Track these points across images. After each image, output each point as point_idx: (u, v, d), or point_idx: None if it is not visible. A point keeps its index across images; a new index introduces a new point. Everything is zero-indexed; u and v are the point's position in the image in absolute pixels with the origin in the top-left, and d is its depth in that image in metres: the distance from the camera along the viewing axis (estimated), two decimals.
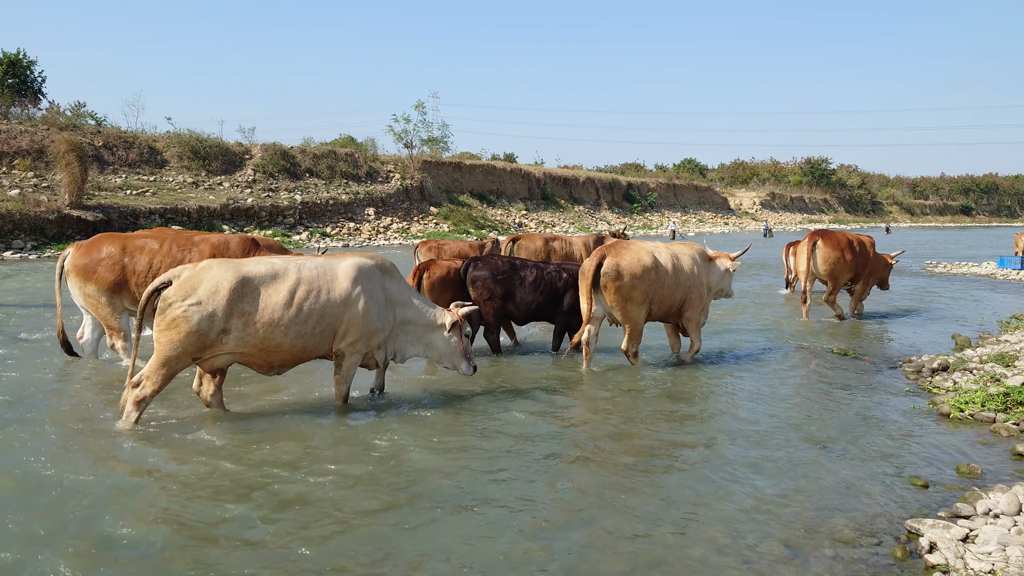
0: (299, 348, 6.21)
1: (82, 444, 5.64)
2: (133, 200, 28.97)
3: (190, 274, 5.91)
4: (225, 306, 5.84)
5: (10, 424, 6.05)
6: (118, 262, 7.95)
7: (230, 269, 5.99)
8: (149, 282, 7.92)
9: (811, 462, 5.68)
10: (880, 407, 7.32)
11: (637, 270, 8.34)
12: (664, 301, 8.68)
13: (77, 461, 5.28)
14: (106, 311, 7.99)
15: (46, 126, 30.49)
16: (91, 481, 4.92)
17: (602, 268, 8.30)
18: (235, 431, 6.01)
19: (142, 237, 8.28)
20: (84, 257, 7.96)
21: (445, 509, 4.68)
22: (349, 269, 6.40)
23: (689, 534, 4.41)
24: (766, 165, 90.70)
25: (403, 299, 6.86)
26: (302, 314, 6.11)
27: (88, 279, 7.89)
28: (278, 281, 6.09)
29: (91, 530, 4.24)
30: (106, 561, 3.92)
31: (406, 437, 5.99)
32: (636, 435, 6.31)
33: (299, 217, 34.36)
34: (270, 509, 4.59)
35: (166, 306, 5.81)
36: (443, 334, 7.01)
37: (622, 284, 8.27)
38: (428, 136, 45.51)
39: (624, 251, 8.45)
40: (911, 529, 4.50)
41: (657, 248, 8.81)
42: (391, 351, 6.93)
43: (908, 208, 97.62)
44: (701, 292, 9.00)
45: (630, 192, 62.47)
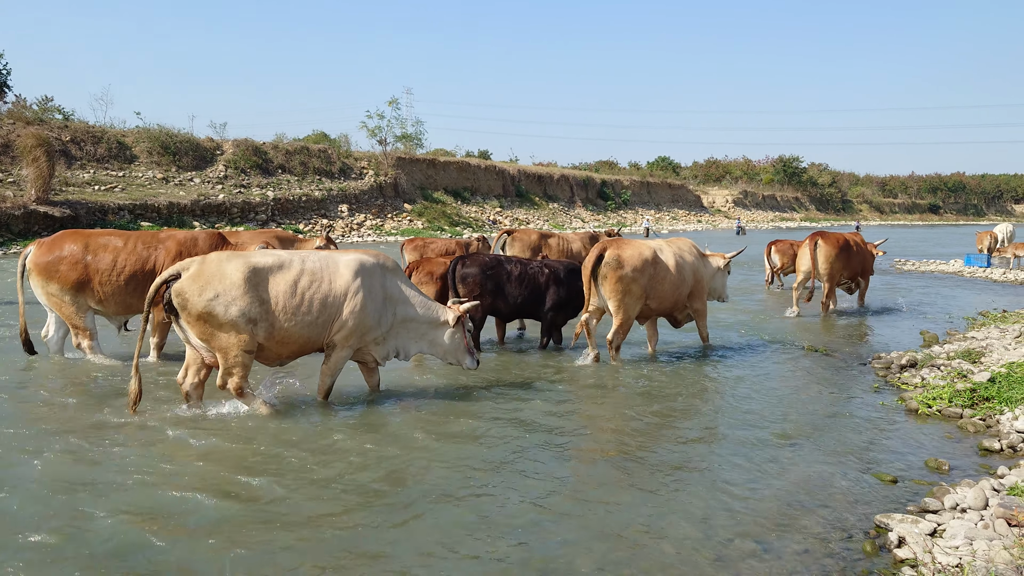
0: (305, 338, 6.33)
1: (53, 442, 5.53)
2: (102, 196, 28.52)
3: (199, 268, 5.97)
4: (243, 295, 5.94)
5: None
6: (80, 260, 7.80)
7: (238, 259, 6.10)
8: (113, 281, 7.80)
9: (781, 458, 5.73)
10: (849, 403, 7.41)
11: (638, 263, 8.56)
12: (665, 297, 8.92)
13: (50, 459, 5.18)
14: (70, 310, 7.84)
15: (12, 120, 29.92)
16: (50, 478, 4.83)
17: (603, 259, 8.50)
18: (214, 432, 5.93)
19: (106, 235, 8.12)
20: (46, 255, 7.79)
21: (417, 505, 4.65)
22: (352, 263, 6.50)
23: (662, 530, 4.43)
24: (739, 163, 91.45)
25: (404, 297, 6.91)
26: (305, 303, 6.22)
27: (50, 278, 7.74)
28: (284, 271, 6.22)
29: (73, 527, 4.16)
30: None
31: (386, 435, 5.95)
32: (607, 432, 6.33)
33: (271, 214, 34.05)
34: (251, 506, 4.54)
35: (183, 301, 5.88)
36: (447, 331, 7.11)
37: (623, 275, 8.47)
38: (402, 132, 45.45)
39: (626, 245, 8.72)
40: (880, 524, 4.55)
41: (660, 245, 9.07)
42: (393, 349, 6.97)
43: (878, 206, 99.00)
44: (703, 286, 9.26)
45: (604, 190, 62.67)
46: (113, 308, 8.01)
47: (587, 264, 8.61)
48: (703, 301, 9.46)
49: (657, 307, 8.98)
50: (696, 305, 9.39)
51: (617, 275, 8.46)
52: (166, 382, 7.39)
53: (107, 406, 6.51)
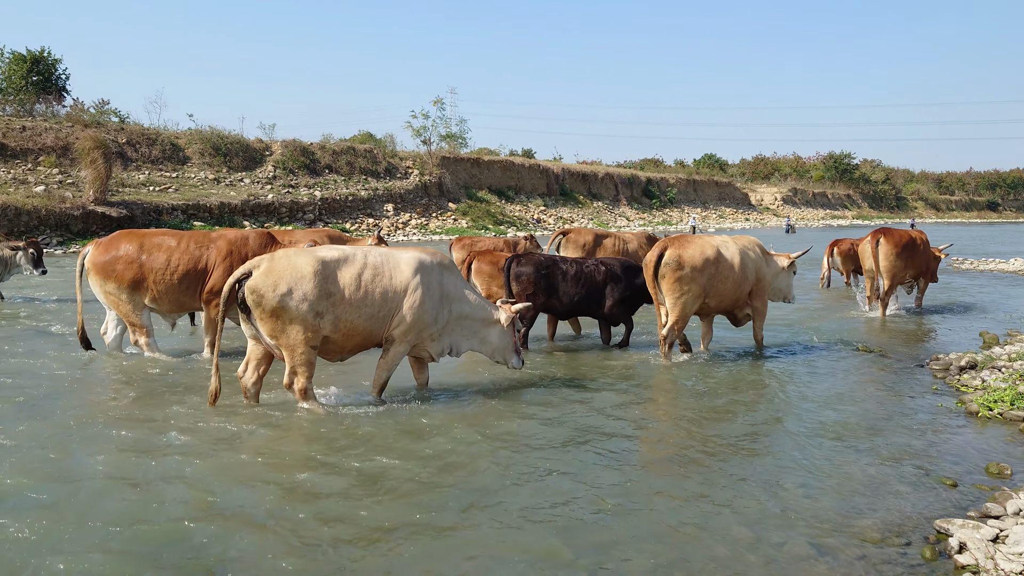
0: (368, 331, 6.47)
1: (112, 436, 5.69)
2: (156, 196, 29.24)
3: (269, 265, 6.13)
4: (314, 289, 6.09)
5: (39, 417, 6.11)
6: (136, 259, 8.02)
7: (307, 254, 6.26)
8: (166, 279, 8.01)
9: (837, 461, 5.61)
10: (907, 406, 7.22)
11: (698, 262, 8.54)
12: (726, 295, 8.89)
13: (102, 451, 5.32)
14: (126, 308, 8.06)
15: (70, 123, 30.84)
16: (110, 471, 4.96)
17: (663, 259, 8.53)
18: (270, 425, 6.04)
19: (159, 234, 8.35)
20: (103, 255, 8.04)
21: (466, 501, 4.66)
22: (411, 260, 6.64)
23: (714, 531, 4.37)
24: (788, 160, 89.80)
25: (460, 295, 7.02)
26: (369, 296, 6.35)
27: (108, 277, 7.98)
28: (348, 264, 6.36)
29: (119, 522, 4.27)
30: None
31: (435, 433, 5.99)
32: (659, 432, 6.28)
33: (319, 213, 34.52)
34: (308, 500, 4.61)
35: (258, 297, 6.04)
36: (499, 329, 7.21)
37: (682, 275, 8.49)
38: (447, 132, 45.67)
39: (687, 243, 8.70)
40: (940, 529, 4.43)
41: (725, 242, 8.99)
42: (447, 345, 7.07)
43: (933, 204, 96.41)
44: (765, 285, 9.23)
45: (649, 188, 62.15)
46: (166, 306, 8.21)
47: (648, 263, 8.69)
48: (764, 301, 9.35)
49: (717, 305, 8.96)
50: (756, 304, 9.29)
51: (676, 275, 8.49)
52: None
53: (163, 401, 6.67)
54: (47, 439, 5.60)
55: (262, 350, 6.45)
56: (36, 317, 11.16)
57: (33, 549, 3.95)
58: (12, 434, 5.67)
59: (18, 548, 3.96)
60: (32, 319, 10.99)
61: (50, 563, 3.82)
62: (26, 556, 3.88)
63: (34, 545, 3.99)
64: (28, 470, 4.99)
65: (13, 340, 9.31)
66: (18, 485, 4.74)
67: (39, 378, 7.45)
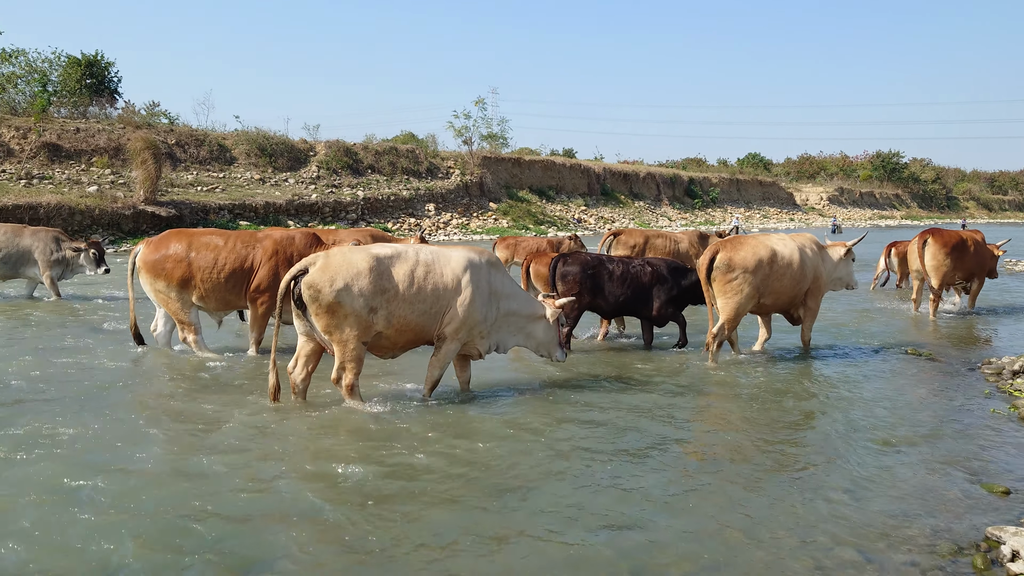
0: (421, 327, 6.59)
1: (159, 431, 5.84)
2: (204, 196, 29.83)
3: (325, 261, 6.28)
4: (369, 284, 6.23)
5: (89, 411, 6.29)
6: (185, 258, 8.22)
7: (362, 251, 6.42)
8: (214, 278, 8.19)
9: (885, 466, 5.51)
10: (958, 410, 7.06)
11: (750, 264, 8.57)
12: (783, 293, 8.89)
13: (150, 447, 5.46)
14: (175, 306, 8.26)
15: (122, 125, 31.61)
16: (162, 465, 5.09)
17: (715, 262, 8.62)
18: (315, 423, 6.14)
19: (208, 234, 8.54)
20: (153, 253, 8.25)
21: (507, 499, 4.68)
22: (461, 259, 6.76)
23: (759, 535, 4.33)
24: (834, 159, 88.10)
25: (507, 292, 7.13)
26: (422, 292, 6.48)
27: (158, 275, 8.19)
28: (402, 262, 6.50)
29: (165, 518, 4.38)
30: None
31: (480, 431, 6.03)
32: (701, 434, 6.22)
33: (361, 213, 34.88)
34: (361, 495, 4.68)
35: (315, 292, 6.17)
36: (544, 324, 7.32)
37: (732, 277, 8.56)
38: (488, 132, 45.72)
39: (739, 246, 8.73)
40: (992, 536, 4.33)
41: (781, 240, 8.99)
42: (494, 342, 7.19)
43: (986, 204, 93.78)
44: (820, 284, 9.22)
45: (692, 187, 61.54)
46: (213, 304, 8.40)
47: (702, 265, 8.78)
48: (817, 301, 9.31)
49: (773, 303, 8.97)
50: (809, 304, 9.23)
51: (727, 277, 8.57)
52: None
53: (209, 397, 6.82)
54: (97, 433, 5.76)
55: (312, 347, 6.57)
56: (90, 314, 11.49)
57: (86, 538, 4.07)
58: (63, 428, 5.84)
59: (72, 537, 4.09)
60: (86, 316, 11.31)
61: (99, 552, 3.94)
62: (79, 545, 4.00)
63: (85, 535, 4.12)
64: (77, 463, 5.14)
65: (67, 336, 9.59)
66: (68, 478, 4.88)
67: (92, 373, 7.67)
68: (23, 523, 4.23)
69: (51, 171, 27.99)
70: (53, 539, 4.07)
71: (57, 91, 33.50)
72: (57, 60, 34.66)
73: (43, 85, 33.32)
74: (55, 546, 4.00)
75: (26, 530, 4.16)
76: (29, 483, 4.76)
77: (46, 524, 4.23)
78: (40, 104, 30.86)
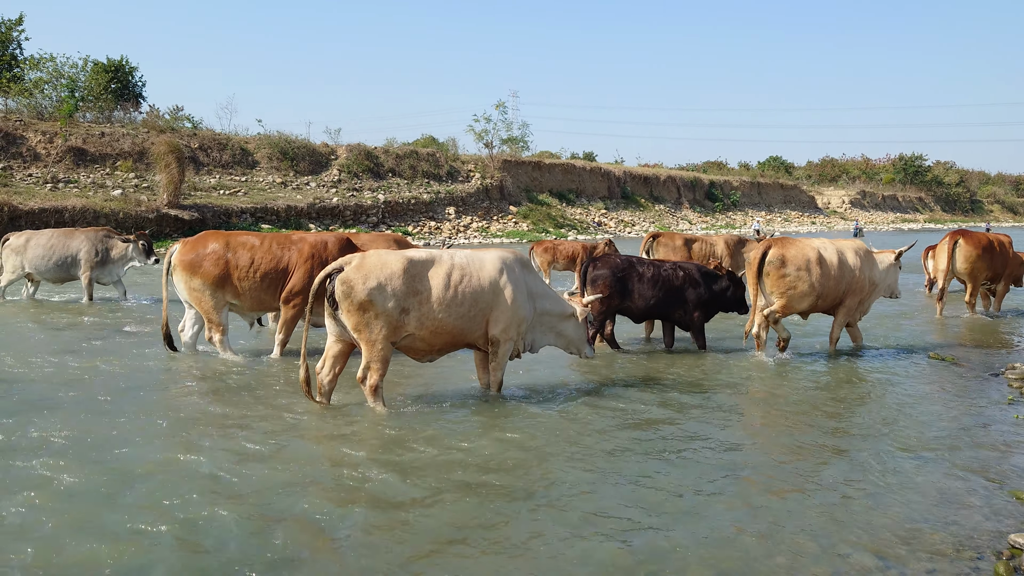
0: (458, 330, 6.67)
1: (176, 431, 5.92)
2: (226, 200, 30.15)
3: (360, 261, 6.41)
4: (402, 286, 6.34)
5: (120, 413, 6.39)
6: (222, 257, 8.35)
7: (397, 253, 6.56)
8: (250, 277, 8.31)
9: (906, 471, 5.47)
10: (980, 416, 6.99)
11: (801, 262, 8.88)
12: (828, 294, 9.14)
13: (163, 448, 5.54)
14: (209, 304, 8.38)
15: (146, 129, 32.07)
16: (176, 465, 5.16)
17: (766, 257, 8.91)
18: (335, 424, 6.20)
19: (244, 235, 8.71)
20: (191, 252, 8.39)
21: (526, 502, 4.70)
22: (495, 260, 6.87)
23: (777, 541, 4.32)
24: (856, 162, 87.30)
25: (541, 291, 7.27)
26: (458, 296, 6.57)
27: (194, 273, 8.32)
28: (437, 265, 6.60)
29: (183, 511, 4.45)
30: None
31: (496, 430, 6.06)
32: (721, 437, 6.20)
33: (382, 216, 35.07)
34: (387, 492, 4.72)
35: (348, 289, 6.28)
36: (574, 322, 7.45)
37: (785, 273, 8.87)
38: (508, 135, 45.80)
39: (791, 244, 9.11)
40: (1015, 544, 4.29)
41: (824, 244, 9.32)
42: (529, 342, 7.33)
43: (1010, 207, 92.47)
44: (862, 285, 9.41)
45: (712, 191, 61.26)
46: (248, 303, 8.56)
47: (752, 262, 9.08)
48: (853, 302, 9.46)
49: (821, 304, 9.21)
50: (848, 302, 9.40)
51: (780, 273, 8.88)
52: (291, 378, 7.75)
53: (231, 399, 6.91)
54: (110, 435, 5.84)
55: (340, 348, 6.66)
56: (113, 316, 11.63)
57: (96, 538, 4.14)
58: (81, 430, 5.93)
59: (85, 538, 4.16)
60: (108, 317, 11.46)
61: (108, 552, 4.00)
62: (86, 545, 4.07)
63: (97, 536, 4.19)
64: (89, 463, 5.22)
65: (92, 339, 9.73)
66: (79, 477, 4.97)
67: (114, 376, 7.78)
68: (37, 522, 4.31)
69: (76, 175, 28.42)
70: (64, 541, 4.14)
71: (83, 96, 34.00)
72: (84, 66, 35.21)
73: (71, 91, 33.85)
74: (66, 547, 4.08)
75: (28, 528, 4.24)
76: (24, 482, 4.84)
77: (52, 524, 4.31)
78: (68, 109, 31.36)
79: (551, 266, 15.98)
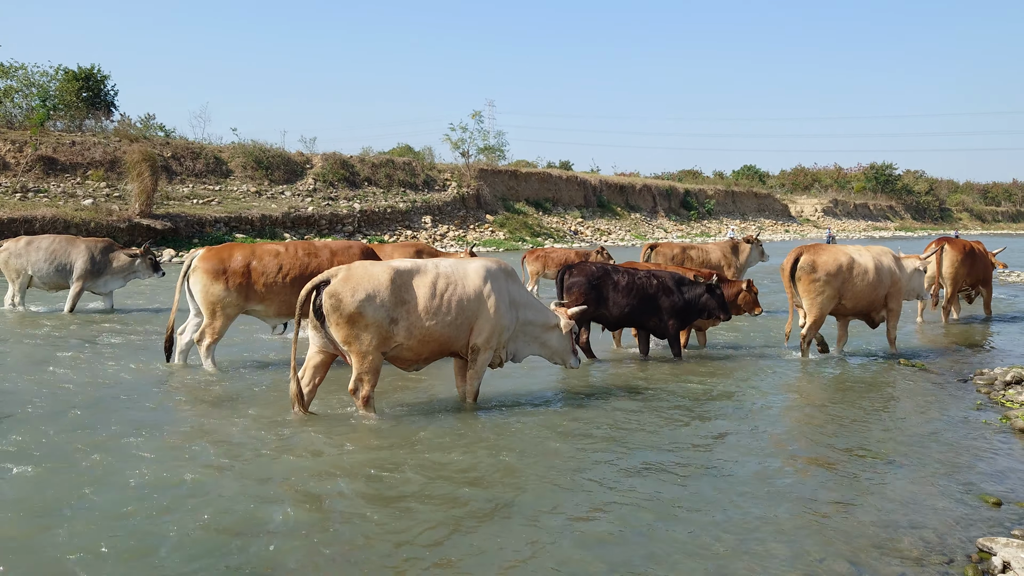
0: (445, 338, 6.67)
1: (157, 444, 5.85)
2: (199, 209, 29.85)
3: (347, 273, 6.38)
4: (390, 296, 6.34)
5: (84, 427, 6.29)
6: (247, 263, 8.41)
7: (383, 264, 6.56)
8: (279, 283, 8.43)
9: (877, 477, 5.53)
10: (950, 421, 7.09)
11: (832, 267, 9.38)
12: (862, 298, 9.65)
13: (145, 461, 5.47)
14: (223, 311, 8.33)
15: (118, 138, 31.67)
16: (160, 479, 5.10)
17: (798, 263, 9.38)
18: (318, 435, 6.15)
19: (266, 245, 8.79)
20: (215, 258, 8.41)
21: (505, 515, 4.70)
22: (480, 269, 6.88)
23: (750, 548, 4.34)
24: (829, 171, 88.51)
25: (524, 301, 7.26)
26: (444, 304, 6.58)
27: (217, 279, 8.31)
28: (422, 274, 6.62)
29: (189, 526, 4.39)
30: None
31: (475, 441, 6.05)
32: (694, 446, 6.23)
33: (358, 225, 34.92)
34: (354, 512, 4.69)
35: (337, 302, 6.24)
36: (558, 333, 7.42)
37: (816, 277, 9.37)
38: (484, 144, 45.91)
39: (821, 250, 9.61)
40: (983, 547, 4.35)
41: (858, 251, 9.80)
42: (511, 351, 7.31)
43: (979, 215, 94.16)
44: (900, 288, 9.98)
45: (687, 199, 61.75)
46: (275, 308, 8.64)
47: (785, 266, 9.57)
48: (899, 303, 10.05)
49: (853, 307, 9.69)
50: (892, 306, 9.97)
51: (811, 278, 9.37)
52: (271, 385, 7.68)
53: (214, 411, 6.83)
54: (91, 449, 5.76)
55: (321, 359, 6.63)
56: (94, 327, 11.47)
57: (85, 553, 4.08)
58: (56, 444, 5.84)
59: (70, 553, 4.10)
60: (90, 328, 11.29)
61: (100, 565, 3.94)
62: (73, 559, 4.01)
63: (87, 551, 4.12)
64: (68, 478, 5.15)
65: (66, 350, 9.58)
66: (62, 491, 4.89)
67: (95, 387, 7.66)
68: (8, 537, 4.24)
69: (47, 184, 28.01)
70: (47, 555, 4.07)
71: (54, 105, 33.56)
72: (55, 74, 34.76)
73: (43, 100, 33.39)
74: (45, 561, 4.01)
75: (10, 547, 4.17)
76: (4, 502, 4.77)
77: (32, 539, 4.24)
78: (39, 118, 30.91)
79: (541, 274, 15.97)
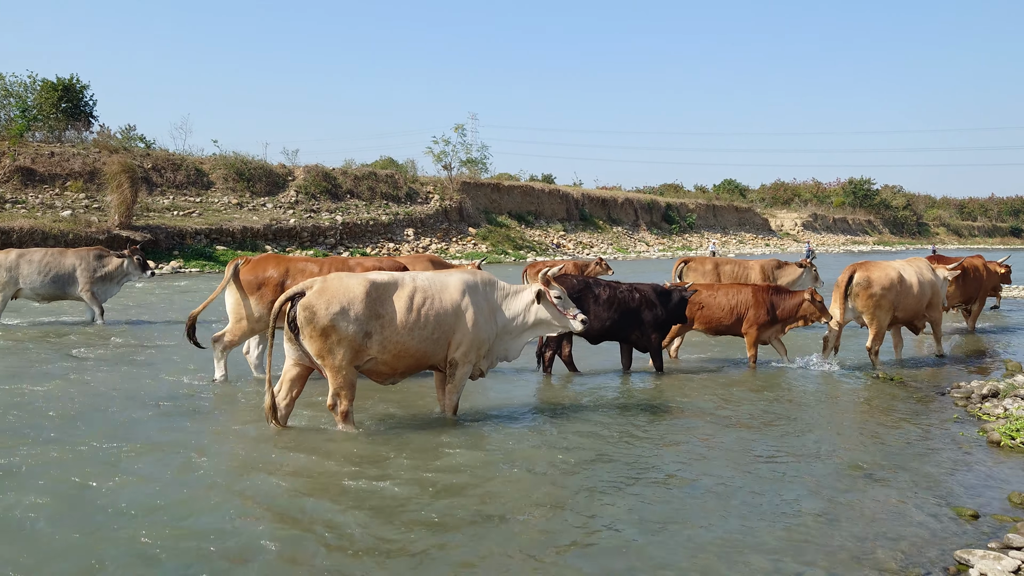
0: (421, 353, 6.59)
1: (135, 457, 5.78)
2: (180, 221, 29.66)
3: (322, 285, 6.31)
4: (364, 309, 6.25)
5: (64, 440, 6.22)
6: (279, 282, 8.38)
7: (359, 277, 6.47)
8: None
9: (855, 490, 5.58)
10: (927, 434, 7.17)
11: (885, 282, 10.07)
12: (909, 308, 10.42)
13: (127, 473, 5.41)
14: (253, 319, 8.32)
15: (98, 149, 31.42)
16: (138, 494, 5.04)
17: (854, 279, 10.07)
18: (301, 449, 6.11)
19: (303, 260, 8.79)
20: (250, 273, 8.41)
21: (490, 527, 4.69)
22: (458, 282, 6.80)
23: (731, 561, 4.36)
24: (808, 186, 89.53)
25: (503, 302, 7.14)
26: (422, 319, 6.50)
27: (251, 292, 8.33)
28: (400, 288, 6.53)
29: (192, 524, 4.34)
30: None
31: (460, 452, 6.03)
32: (673, 459, 6.25)
33: (340, 237, 34.83)
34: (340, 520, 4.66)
35: (311, 315, 6.17)
36: (535, 307, 7.05)
37: (872, 292, 10.04)
38: (467, 157, 45.92)
39: (874, 267, 10.30)
40: (960, 560, 4.40)
41: (903, 266, 10.58)
42: (499, 355, 7.23)
43: (955, 230, 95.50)
44: (939, 298, 10.80)
45: (669, 213, 62.15)
46: None
47: (840, 283, 10.23)
48: (939, 310, 10.99)
49: (903, 317, 10.47)
50: (934, 315, 10.86)
51: (868, 293, 10.05)
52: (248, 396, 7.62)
53: (189, 425, 6.77)
54: (70, 461, 5.70)
55: (298, 372, 6.55)
56: (64, 338, 11.35)
57: (63, 559, 4.03)
58: (36, 457, 5.77)
59: (53, 560, 4.04)
60: (73, 339, 11.18)
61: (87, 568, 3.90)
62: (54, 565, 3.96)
63: (64, 556, 4.07)
64: (45, 491, 5.09)
65: (49, 361, 9.47)
66: (35, 506, 4.83)
67: (67, 399, 7.58)
68: None
69: (24, 195, 27.75)
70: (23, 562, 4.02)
71: (32, 116, 33.27)
72: (33, 84, 34.47)
73: (22, 110, 33.10)
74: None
75: None
76: None
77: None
78: (18, 128, 30.63)
79: None
